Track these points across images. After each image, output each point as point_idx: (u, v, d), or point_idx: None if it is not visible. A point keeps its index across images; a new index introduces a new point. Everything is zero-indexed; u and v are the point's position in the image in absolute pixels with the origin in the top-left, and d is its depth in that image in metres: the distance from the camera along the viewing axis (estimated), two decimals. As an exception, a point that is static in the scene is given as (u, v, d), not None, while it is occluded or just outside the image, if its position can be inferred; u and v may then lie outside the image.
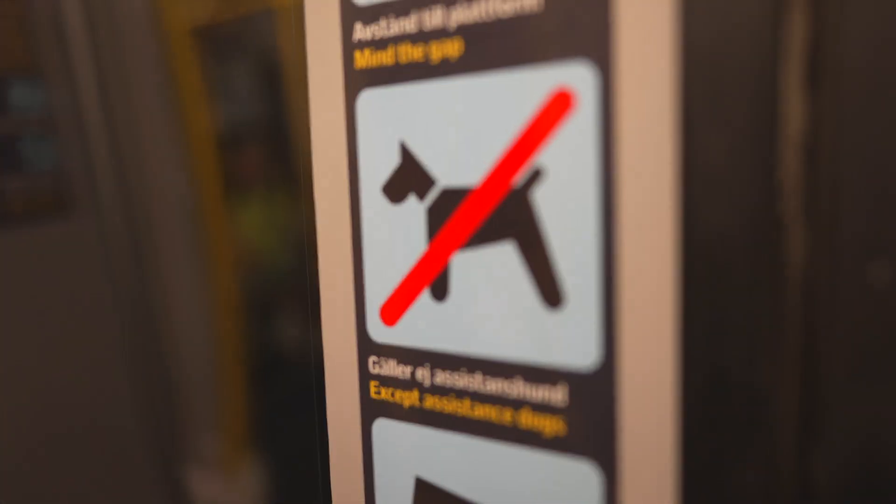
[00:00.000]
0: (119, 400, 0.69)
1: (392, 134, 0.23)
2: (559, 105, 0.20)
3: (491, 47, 0.21)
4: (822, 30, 0.17)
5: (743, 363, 0.18)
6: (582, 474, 0.21)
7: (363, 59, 0.23)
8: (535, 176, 0.20)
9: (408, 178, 0.23)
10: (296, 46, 0.25)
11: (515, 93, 0.20)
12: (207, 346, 0.77)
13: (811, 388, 0.18)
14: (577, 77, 0.19)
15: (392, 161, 0.23)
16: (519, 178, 0.21)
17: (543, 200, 0.20)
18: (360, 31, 0.23)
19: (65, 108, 0.63)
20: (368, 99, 0.23)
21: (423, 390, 0.24)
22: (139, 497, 0.71)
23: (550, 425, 0.21)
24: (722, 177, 0.18)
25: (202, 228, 0.74)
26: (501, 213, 0.21)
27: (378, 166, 0.24)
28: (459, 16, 0.21)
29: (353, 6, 0.23)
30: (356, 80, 0.24)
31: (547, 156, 0.20)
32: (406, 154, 0.23)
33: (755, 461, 0.18)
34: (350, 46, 0.24)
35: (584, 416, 0.20)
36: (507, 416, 0.22)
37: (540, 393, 0.21)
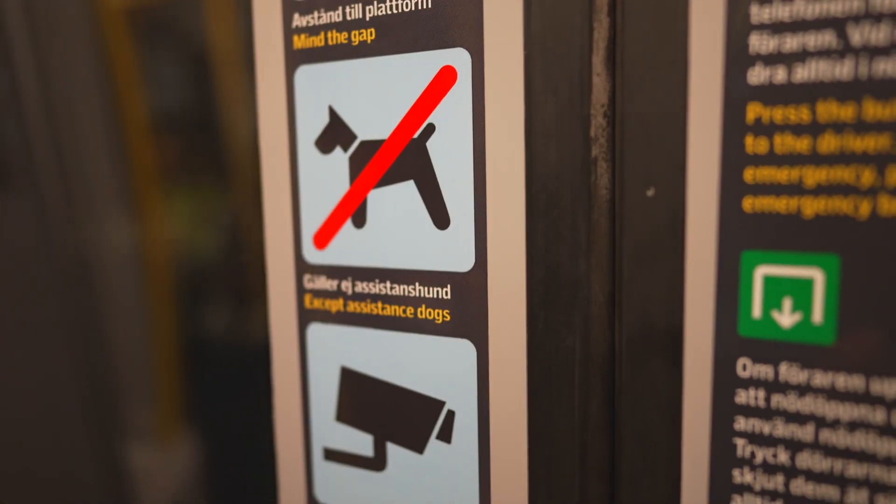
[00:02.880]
0: (54, 373, 0.71)
1: (322, 100, 0.30)
2: (445, 78, 0.27)
3: (396, 35, 0.28)
4: (617, 29, 0.25)
5: (570, 261, 0.26)
6: (463, 349, 0.28)
7: (300, 42, 0.30)
8: (429, 130, 0.27)
9: (334, 134, 0.30)
10: (229, 30, 0.31)
11: (414, 69, 0.27)
12: (143, 318, 0.80)
13: (613, 275, 0.26)
14: (458, 59, 0.27)
15: (322, 121, 0.30)
16: (417, 131, 0.28)
17: (434, 149, 0.27)
18: (298, 20, 0.30)
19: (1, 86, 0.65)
20: (304, 73, 0.30)
21: (346, 298, 0.31)
22: (75, 469, 0.73)
23: (440, 315, 0.28)
24: (553, 130, 0.25)
25: (137, 203, 0.77)
26: (404, 158, 0.28)
27: (311, 126, 0.30)
28: (373, 11, 0.28)
29: (292, 1, 0.30)
30: (294, 59, 0.30)
31: (437, 115, 0.27)
32: (333, 115, 0.30)
33: (577, 330, 0.26)
34: (290, 32, 0.30)
35: (464, 306, 0.28)
36: (409, 311, 0.29)
37: (432, 292, 0.28)
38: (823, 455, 0.23)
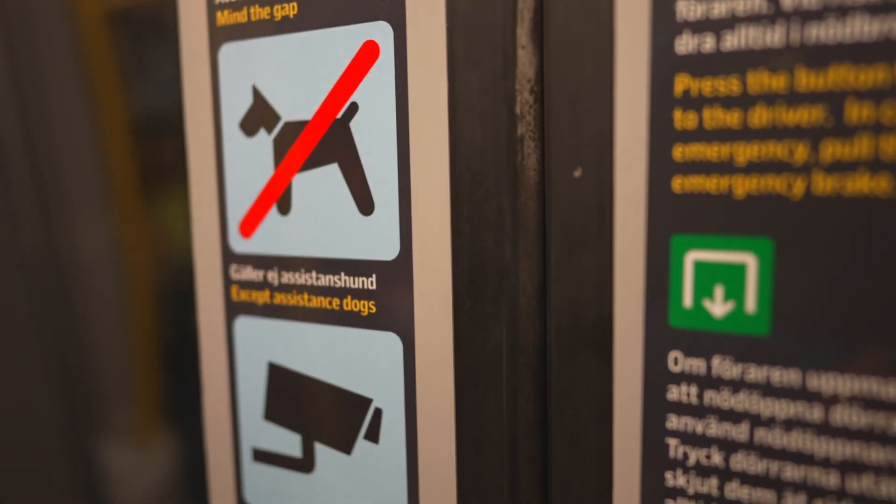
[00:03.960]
0: (28, 371, 0.70)
1: (246, 79, 0.28)
2: (368, 54, 0.25)
3: (318, 8, 0.26)
4: (543, 3, 0.23)
5: (495, 247, 0.24)
6: (389, 343, 0.26)
7: (223, 18, 0.28)
8: (352, 109, 0.26)
9: (258, 115, 0.28)
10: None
11: (337, 45, 0.26)
12: (120, 317, 0.79)
13: (544, 262, 0.24)
14: (380, 33, 0.25)
15: (246, 101, 0.28)
16: (341, 111, 0.26)
17: (358, 129, 0.26)
18: (222, -5, 0.28)
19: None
20: (227, 51, 0.29)
21: (272, 289, 0.29)
22: (50, 469, 0.71)
23: (366, 307, 0.27)
24: (477, 107, 0.24)
25: (115, 203, 0.76)
26: (328, 140, 0.27)
27: (236, 106, 0.29)
28: (296, -16, 0.27)
29: (216, -25, 0.28)
30: (218, 36, 0.29)
31: (360, 93, 0.26)
32: (257, 95, 0.28)
33: (504, 321, 0.24)
34: (213, 8, 0.29)
35: (390, 297, 0.26)
36: (335, 303, 0.28)
37: (358, 282, 0.27)
38: (759, 456, 0.21)
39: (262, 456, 0.31)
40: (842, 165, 0.19)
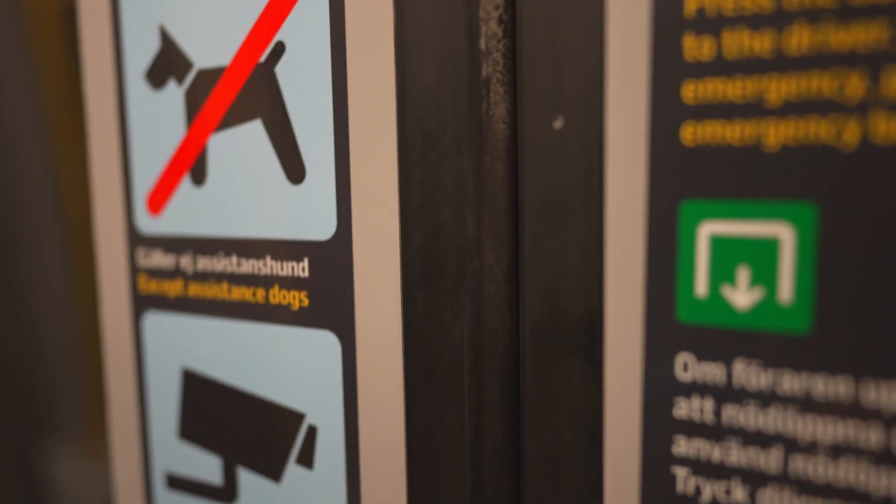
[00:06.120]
0: None
1: (152, 19, 0.23)
2: (296, -20, 0.20)
3: (236, -75, 0.21)
4: None
5: (454, 221, 0.19)
6: (325, 344, 0.21)
7: (126, -56, 0.23)
8: (278, 51, 0.21)
9: (167, 62, 0.23)
10: None
11: (259, -29, 0.21)
12: (69, 322, 0.74)
13: (513, 240, 0.19)
14: (312, -47, 0.20)
15: (153, 46, 0.23)
16: (264, 54, 0.21)
17: (285, 76, 0.21)
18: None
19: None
20: (132, -15, 0.23)
21: (186, 278, 0.24)
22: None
23: (297, 299, 0.22)
24: (431, 42, 0.19)
25: (64, 193, 0.71)
26: (249, 91, 0.22)
27: (141, 52, 0.24)
28: None
29: None
30: (121, -33, 0.24)
31: (287, 30, 0.21)
32: (165, 38, 0.23)
33: (466, 316, 0.19)
34: (114, -68, 0.24)
35: (325, 287, 0.21)
36: (259, 294, 0.22)
37: (287, 268, 0.22)
38: (796, 492, 0.16)
39: (176, 483, 0.25)
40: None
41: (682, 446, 0.17)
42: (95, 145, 0.25)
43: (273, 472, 0.23)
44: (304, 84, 0.20)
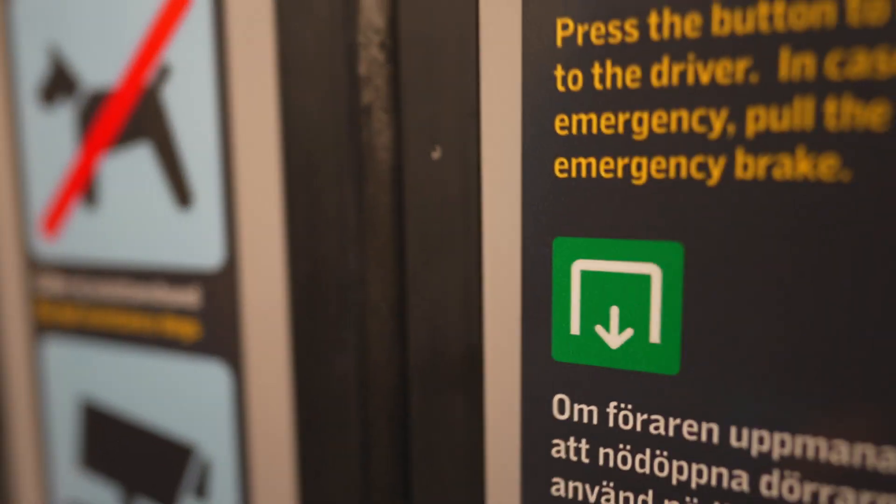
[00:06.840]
0: None
1: (45, 37, 0.22)
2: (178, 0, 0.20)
3: (121, -58, 0.20)
4: (399, -73, 0.18)
5: (338, 253, 0.19)
6: (215, 376, 0.21)
7: (18, -41, 0.23)
8: (164, 74, 0.20)
9: (58, 80, 0.22)
10: None
11: (145, -11, 0.20)
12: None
13: (399, 272, 0.19)
14: (195, -28, 0.19)
15: (45, 65, 0.22)
16: (151, 75, 0.20)
17: (172, 98, 0.20)
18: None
19: None
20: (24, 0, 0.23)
21: (81, 306, 0.23)
22: None
23: (188, 329, 0.21)
24: (312, 66, 0.18)
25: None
26: (137, 110, 0.21)
27: (35, 69, 0.23)
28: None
29: None
30: (13, -18, 0.23)
31: (173, 52, 0.20)
32: (56, 56, 0.22)
33: (351, 350, 0.19)
34: (7, -54, 0.23)
35: (216, 316, 0.20)
36: (151, 324, 0.22)
37: (179, 297, 0.21)
38: (669, 537, 0.16)
39: (77, 512, 0.25)
40: (774, 140, 0.14)
41: (561, 489, 0.16)
42: (-8, 165, 0.24)
43: (168, 501, 0.22)
44: (190, 106, 0.20)
